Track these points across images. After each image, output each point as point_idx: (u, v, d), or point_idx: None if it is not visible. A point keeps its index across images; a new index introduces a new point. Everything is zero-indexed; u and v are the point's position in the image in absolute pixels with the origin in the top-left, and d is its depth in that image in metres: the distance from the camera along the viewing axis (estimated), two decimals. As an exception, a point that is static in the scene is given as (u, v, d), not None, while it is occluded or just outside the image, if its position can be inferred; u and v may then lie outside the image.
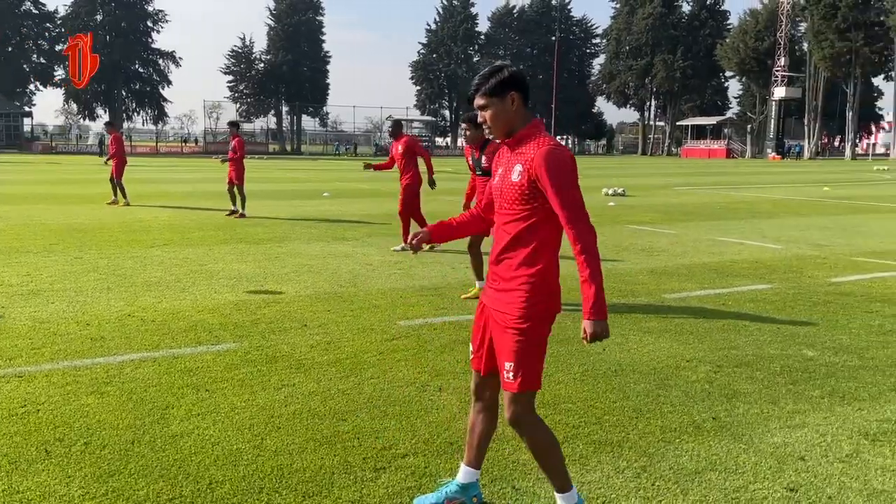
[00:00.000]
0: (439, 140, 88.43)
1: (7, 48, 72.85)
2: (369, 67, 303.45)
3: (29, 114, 75.03)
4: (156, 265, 9.02)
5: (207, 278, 8.20)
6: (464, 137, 7.40)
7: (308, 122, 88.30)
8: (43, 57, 75.79)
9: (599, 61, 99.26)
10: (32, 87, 76.09)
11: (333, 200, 18.90)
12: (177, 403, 4.34)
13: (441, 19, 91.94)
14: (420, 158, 10.31)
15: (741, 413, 4.31)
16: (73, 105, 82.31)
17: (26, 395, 4.42)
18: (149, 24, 79.73)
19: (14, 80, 73.00)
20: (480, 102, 2.87)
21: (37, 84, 76.30)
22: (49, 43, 75.84)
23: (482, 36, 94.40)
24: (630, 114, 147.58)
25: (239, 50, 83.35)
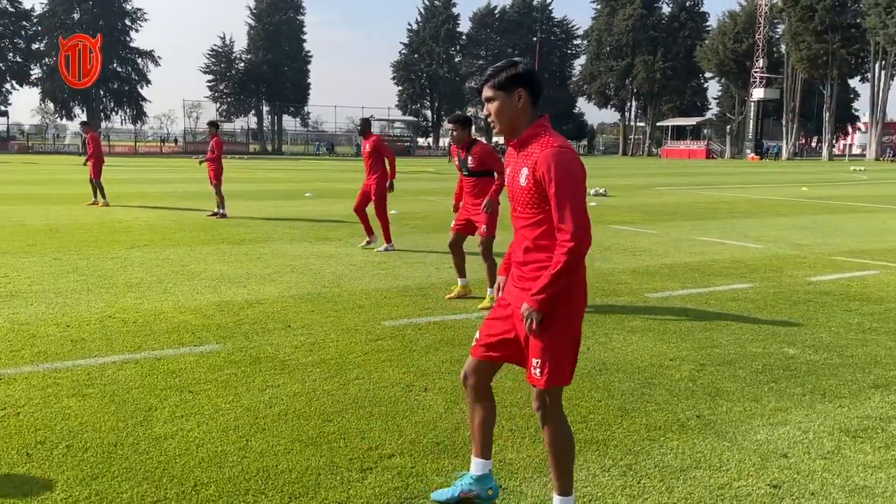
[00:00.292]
0: (421, 140, 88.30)
1: (-18, 47, 71.90)
2: (351, 67, 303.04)
3: (5, 113, 74.08)
4: (136, 266, 8.93)
5: (189, 279, 8.13)
6: (451, 138, 7.40)
7: (289, 122, 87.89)
8: (19, 56, 74.70)
9: (580, 62, 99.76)
10: (8, 87, 74.95)
11: (316, 200, 18.82)
12: (160, 405, 4.30)
13: (423, 19, 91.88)
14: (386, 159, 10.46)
15: (725, 411, 4.34)
16: (50, 104, 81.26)
17: (6, 398, 4.36)
18: (127, 23, 78.78)
19: (-11, 80, 72.04)
20: (488, 94, 2.85)
21: (13, 83, 75.14)
22: (25, 42, 74.74)
23: (464, 36, 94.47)
24: (611, 114, 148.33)
25: (219, 49, 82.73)
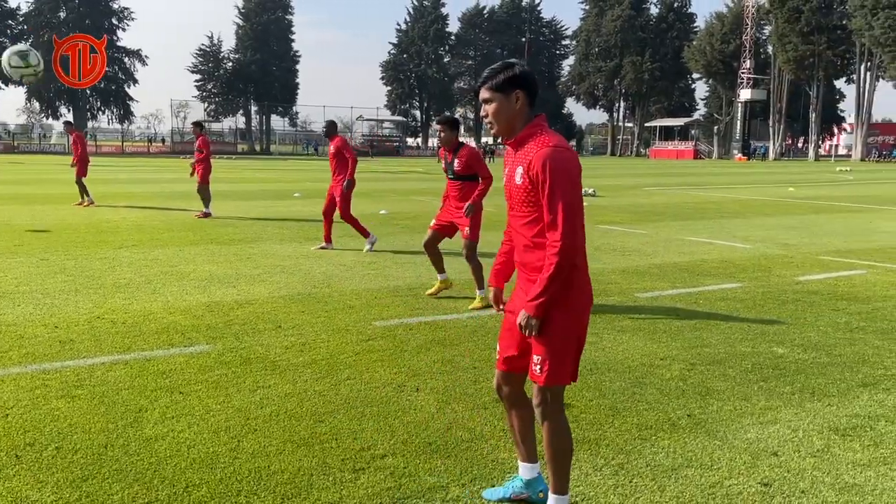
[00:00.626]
0: (410, 140, 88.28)
1: (-33, 45, 71.17)
2: (339, 67, 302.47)
3: (-10, 113, 73.46)
4: (125, 266, 8.88)
5: (178, 279, 8.09)
6: (438, 139, 7.40)
7: (277, 122, 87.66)
8: (4, 54, 74.13)
9: (569, 63, 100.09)
10: (-7, 86, 74.38)
11: (305, 201, 18.77)
12: (150, 406, 4.28)
13: (412, 19, 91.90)
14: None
15: (715, 410, 4.37)
16: (36, 103, 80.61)
17: (-6, 400, 4.33)
18: (114, 22, 78.38)
19: (-26, 79, 71.32)
20: (485, 95, 2.86)
21: (-2, 82, 74.62)
22: (11, 41, 74.01)
23: (452, 36, 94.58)
24: (599, 115, 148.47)
25: (207, 48, 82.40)
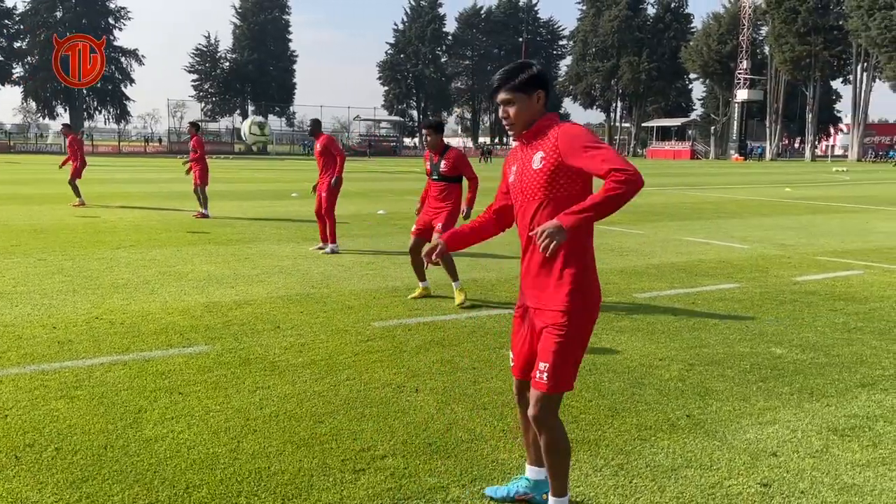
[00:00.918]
0: (407, 140, 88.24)
1: (-37, 45, 71.07)
2: (336, 67, 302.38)
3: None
4: (123, 267, 8.86)
5: (176, 280, 8.08)
6: (425, 143, 7.41)
7: (274, 122, 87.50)
8: (1, 54, 73.93)
9: (566, 63, 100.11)
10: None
11: (302, 201, 18.74)
12: (149, 407, 4.27)
13: (409, 19, 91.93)
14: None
15: (714, 410, 4.38)
16: (32, 103, 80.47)
17: (-7, 401, 4.32)
18: (110, 22, 78.28)
19: (-30, 78, 71.22)
20: (505, 97, 2.84)
21: (-6, 82, 74.47)
22: (7, 40, 73.99)
23: (450, 36, 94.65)
24: (596, 115, 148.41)
25: (204, 48, 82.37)
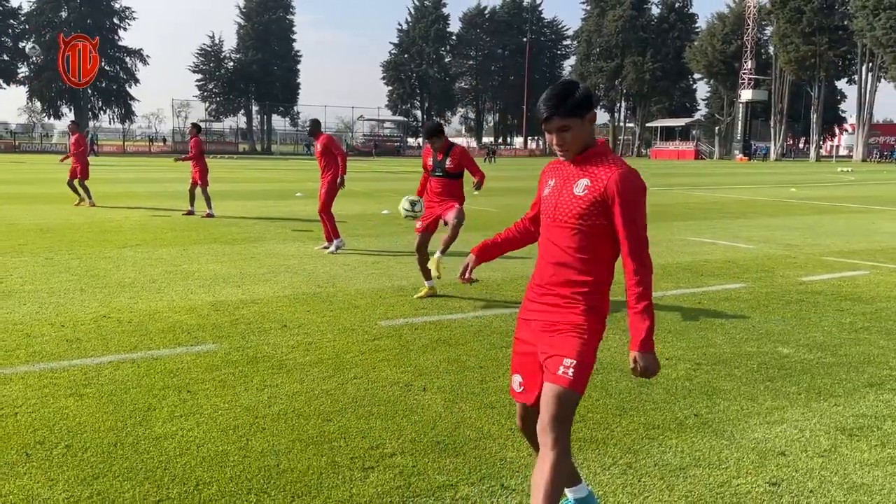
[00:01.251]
0: (411, 140, 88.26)
1: (-32, 45, 71.26)
2: (340, 67, 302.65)
3: (-8, 112, 73.46)
4: (129, 266, 8.89)
5: (183, 279, 8.10)
6: (431, 146, 7.43)
7: (278, 122, 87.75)
8: (6, 54, 74.15)
9: (570, 63, 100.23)
10: (-5, 85, 74.43)
11: (307, 200, 18.76)
12: (158, 405, 4.29)
13: (413, 19, 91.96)
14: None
15: (722, 410, 4.38)
16: (37, 103, 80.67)
17: (2, 398, 4.34)
18: (115, 22, 78.47)
19: (-25, 78, 71.41)
20: (561, 124, 2.65)
21: (-1, 81, 74.68)
22: (12, 40, 74.18)
23: (454, 37, 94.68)
24: (601, 115, 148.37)
25: (208, 48, 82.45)
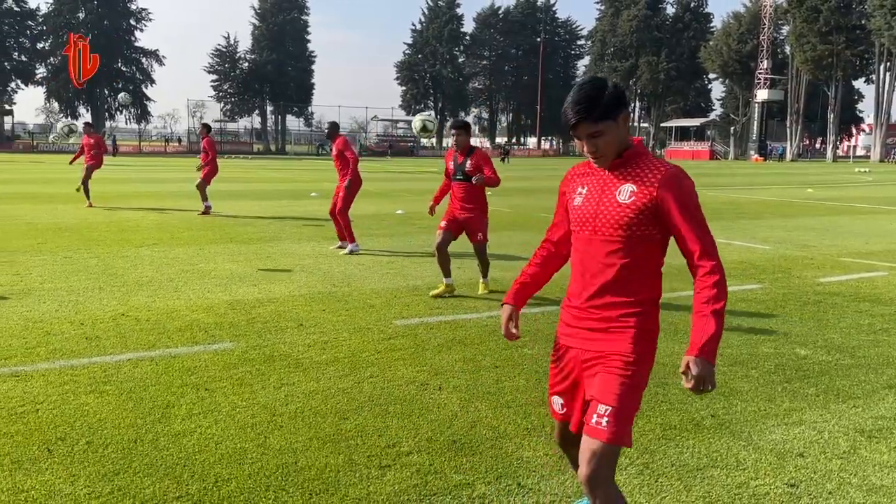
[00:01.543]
0: (424, 140, 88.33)
1: (-12, 46, 72.08)
2: (354, 67, 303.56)
3: (10, 112, 74.01)
4: (147, 265, 8.97)
5: (200, 278, 8.16)
6: (454, 142, 7.42)
7: (293, 122, 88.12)
8: (24, 55, 74.94)
9: (584, 63, 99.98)
10: (13, 86, 75.17)
11: (322, 201, 18.81)
12: (177, 402, 4.33)
13: (426, 20, 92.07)
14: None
15: (739, 411, 4.36)
16: (55, 103, 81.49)
17: (24, 395, 4.39)
18: (132, 23, 79.18)
19: (-6, 79, 72.24)
20: (594, 129, 2.38)
21: (17, 82, 75.41)
22: (30, 41, 75.00)
23: (467, 37, 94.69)
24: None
25: (223, 49, 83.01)
